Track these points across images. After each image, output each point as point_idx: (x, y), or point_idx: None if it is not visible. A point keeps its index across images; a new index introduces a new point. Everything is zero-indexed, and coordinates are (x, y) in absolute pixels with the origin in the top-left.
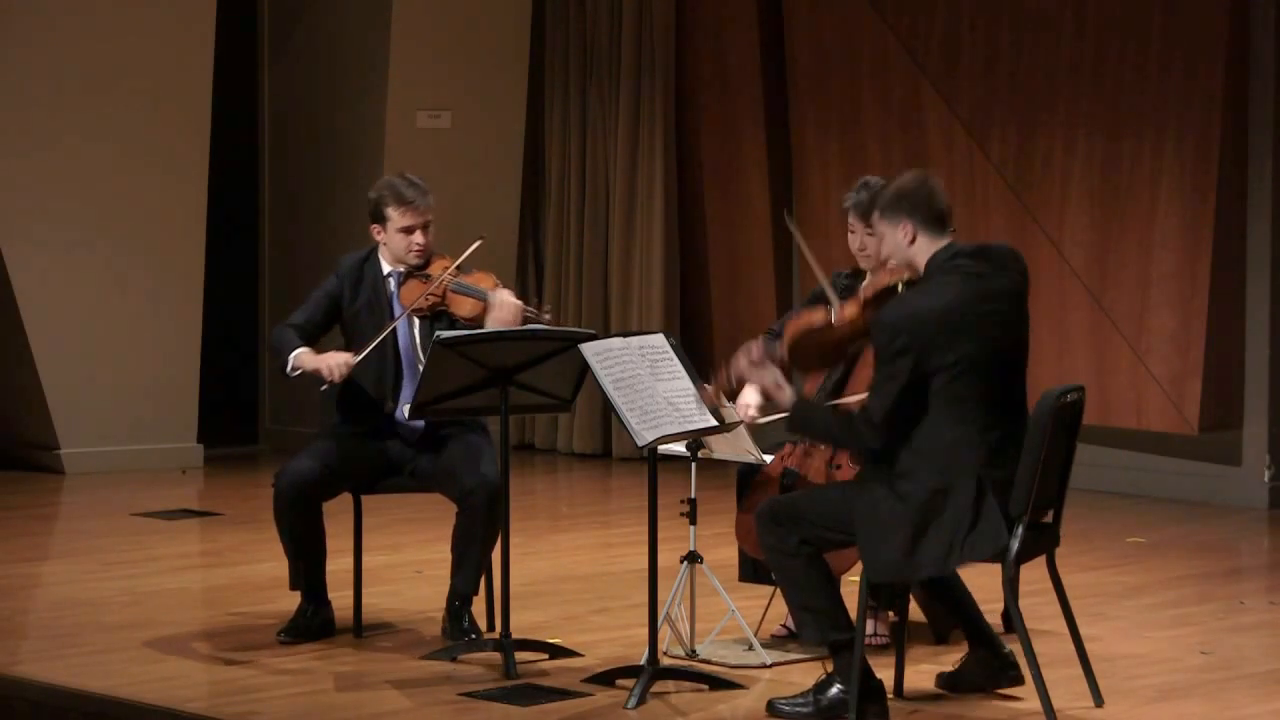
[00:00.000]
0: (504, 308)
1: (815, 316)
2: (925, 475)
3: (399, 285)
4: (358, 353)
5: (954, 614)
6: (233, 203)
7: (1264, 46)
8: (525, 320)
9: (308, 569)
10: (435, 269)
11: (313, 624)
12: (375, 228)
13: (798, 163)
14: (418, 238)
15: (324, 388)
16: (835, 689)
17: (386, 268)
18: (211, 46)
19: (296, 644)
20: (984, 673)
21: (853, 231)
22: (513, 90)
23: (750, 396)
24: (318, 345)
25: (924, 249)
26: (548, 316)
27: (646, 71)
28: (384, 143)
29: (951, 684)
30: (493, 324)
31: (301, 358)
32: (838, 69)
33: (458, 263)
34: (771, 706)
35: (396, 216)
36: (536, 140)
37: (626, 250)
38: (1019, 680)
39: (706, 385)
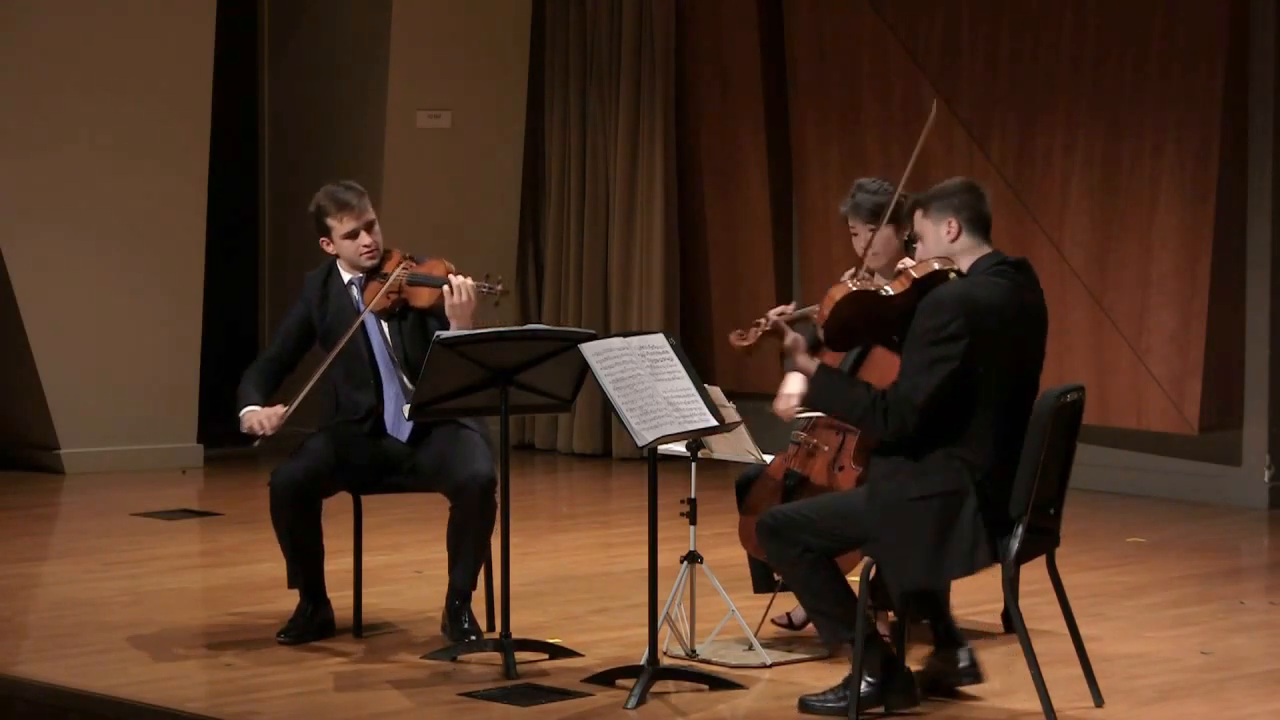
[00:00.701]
0: (459, 291)
1: (864, 283)
2: (940, 477)
3: (361, 290)
4: (288, 403)
5: (926, 609)
6: (233, 203)
7: (1264, 46)
8: (481, 295)
9: (305, 568)
10: (391, 267)
11: (312, 624)
12: (323, 241)
13: (798, 163)
14: (365, 239)
15: (256, 444)
16: (864, 682)
17: (347, 276)
18: (211, 46)
19: (296, 644)
20: (946, 671)
21: (855, 234)
22: (513, 90)
23: (793, 385)
24: (295, 372)
25: (967, 249)
26: (500, 286)
27: (646, 71)
28: (384, 143)
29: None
30: (451, 309)
31: (245, 418)
32: (838, 69)
33: (409, 254)
34: (804, 704)
35: (338, 224)
36: (536, 140)
37: (626, 250)
38: (979, 678)
39: (737, 332)
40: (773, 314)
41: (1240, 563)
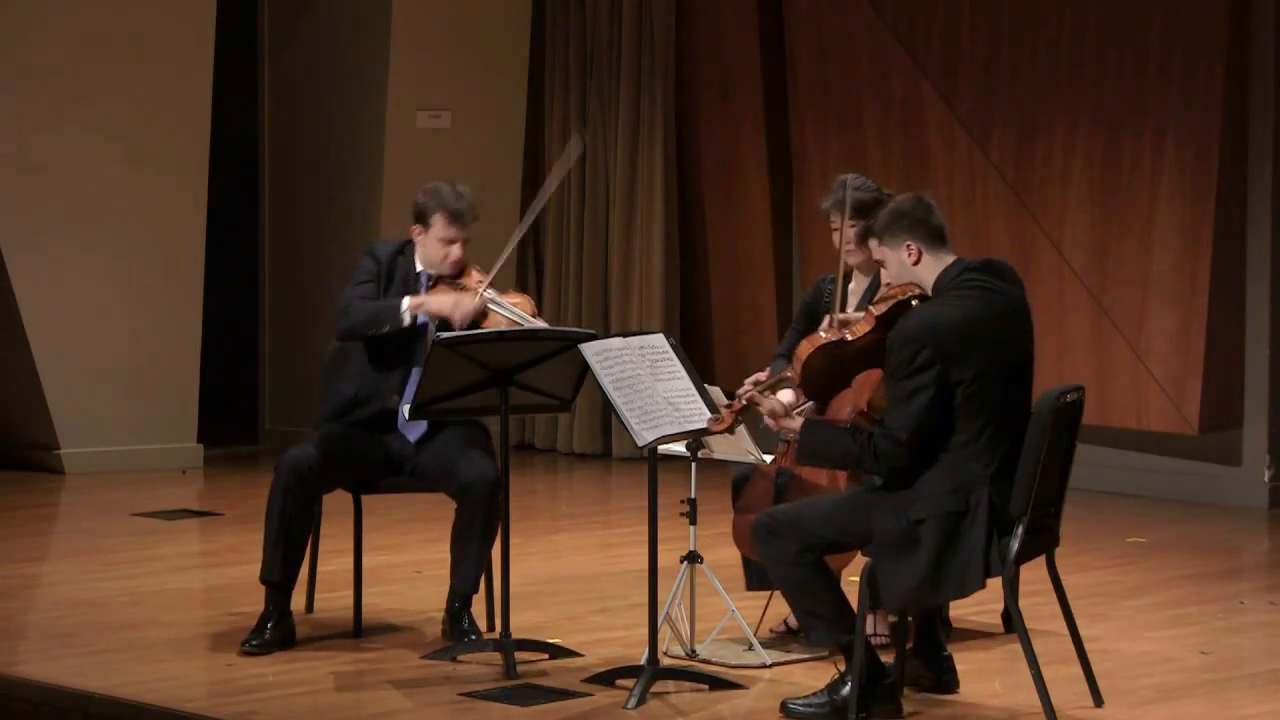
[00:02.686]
0: None
1: (828, 334)
2: (939, 497)
3: (428, 287)
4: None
5: (921, 612)
6: (233, 204)
7: (1264, 47)
8: None
9: (284, 560)
10: (468, 279)
11: (274, 637)
12: (416, 228)
13: (798, 163)
14: (455, 250)
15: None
16: (849, 687)
17: (419, 266)
18: (211, 46)
19: (260, 655)
20: (922, 674)
21: (835, 229)
22: (513, 90)
23: (786, 398)
24: None
25: (930, 267)
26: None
27: (646, 71)
28: (384, 143)
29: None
30: None
31: (445, 296)
32: (838, 69)
33: (490, 277)
34: (785, 708)
35: (440, 227)
36: (536, 140)
37: (626, 250)
38: (952, 686)
39: (720, 412)
40: (748, 384)
41: (1240, 563)
